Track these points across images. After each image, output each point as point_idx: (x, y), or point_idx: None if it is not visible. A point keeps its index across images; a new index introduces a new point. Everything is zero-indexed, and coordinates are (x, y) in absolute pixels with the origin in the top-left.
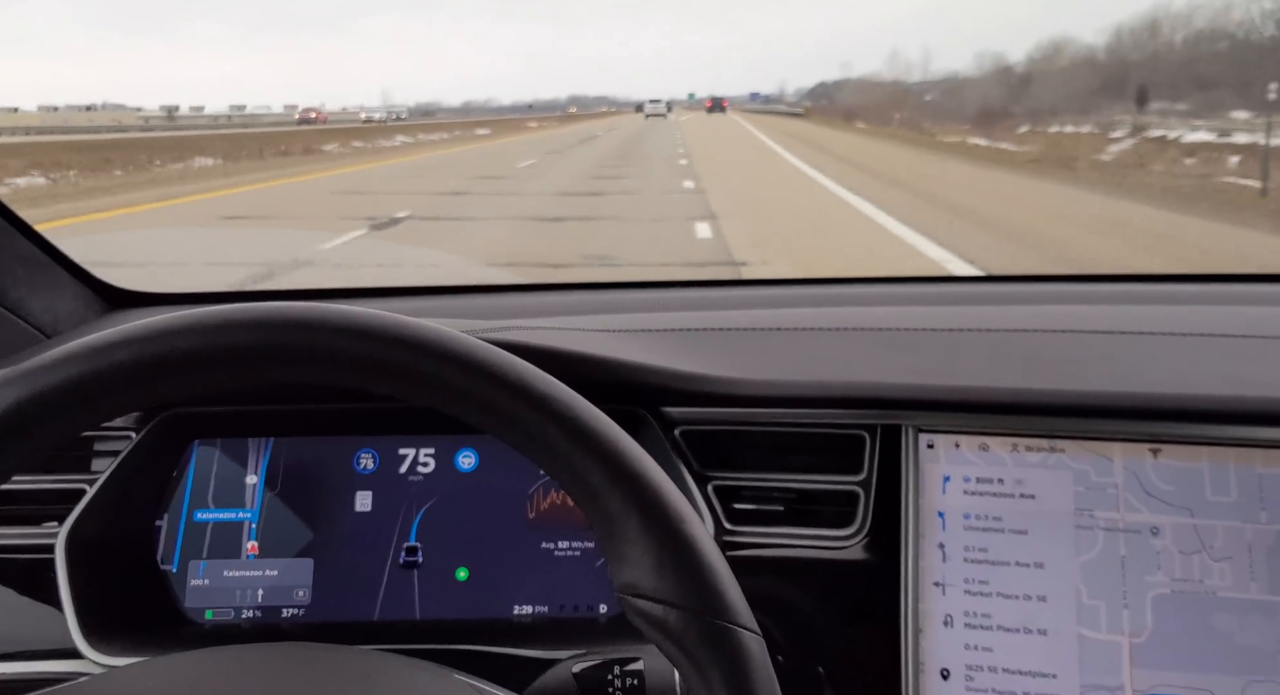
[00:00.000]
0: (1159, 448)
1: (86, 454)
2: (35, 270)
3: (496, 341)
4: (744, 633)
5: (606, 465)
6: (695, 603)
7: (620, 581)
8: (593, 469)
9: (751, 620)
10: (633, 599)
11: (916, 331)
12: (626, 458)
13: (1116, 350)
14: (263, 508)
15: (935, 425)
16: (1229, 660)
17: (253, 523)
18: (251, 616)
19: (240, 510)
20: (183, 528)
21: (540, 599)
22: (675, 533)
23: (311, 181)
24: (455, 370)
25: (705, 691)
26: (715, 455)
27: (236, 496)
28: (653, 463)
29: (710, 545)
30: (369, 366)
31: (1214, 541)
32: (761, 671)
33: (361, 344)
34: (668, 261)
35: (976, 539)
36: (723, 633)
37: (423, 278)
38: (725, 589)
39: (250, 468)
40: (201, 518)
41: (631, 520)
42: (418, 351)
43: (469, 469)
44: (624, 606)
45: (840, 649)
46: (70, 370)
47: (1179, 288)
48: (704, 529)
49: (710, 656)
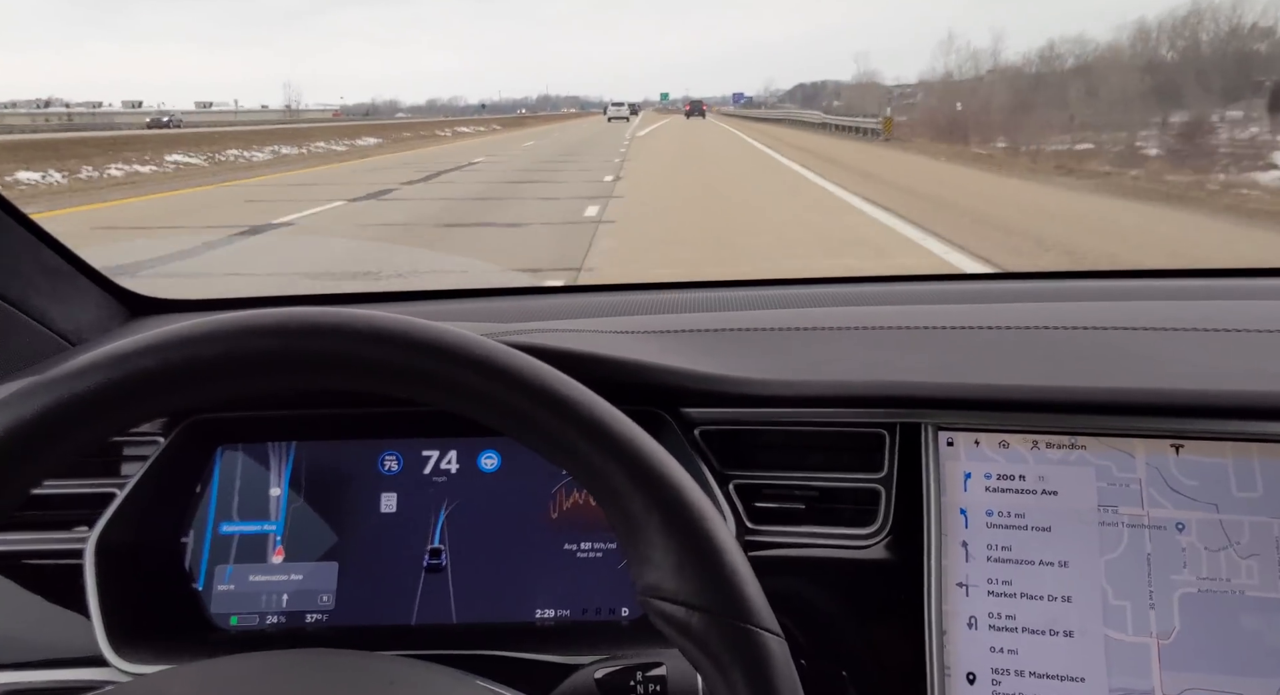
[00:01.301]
0: (1181, 443)
1: (116, 459)
2: (59, 280)
3: (516, 344)
4: (766, 635)
5: (628, 467)
6: (717, 605)
7: (642, 583)
8: (614, 471)
9: (774, 622)
10: (655, 601)
11: (934, 329)
12: (648, 459)
13: (1136, 346)
14: (288, 512)
15: (955, 423)
16: (1260, 662)
17: (279, 527)
18: (276, 622)
19: (265, 522)
20: (209, 540)
21: (563, 602)
22: (697, 534)
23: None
24: (475, 374)
25: (728, 694)
26: (735, 455)
27: (262, 501)
28: (675, 464)
29: (733, 546)
30: (387, 371)
31: (1240, 538)
32: (784, 673)
33: (380, 348)
34: None
35: (1000, 536)
36: (745, 635)
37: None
38: (747, 591)
39: (275, 471)
40: (227, 530)
41: (653, 522)
42: (436, 356)
43: (492, 470)
44: (646, 609)
45: (863, 651)
46: (96, 377)
47: (1198, 283)
48: (726, 530)
49: (732, 659)
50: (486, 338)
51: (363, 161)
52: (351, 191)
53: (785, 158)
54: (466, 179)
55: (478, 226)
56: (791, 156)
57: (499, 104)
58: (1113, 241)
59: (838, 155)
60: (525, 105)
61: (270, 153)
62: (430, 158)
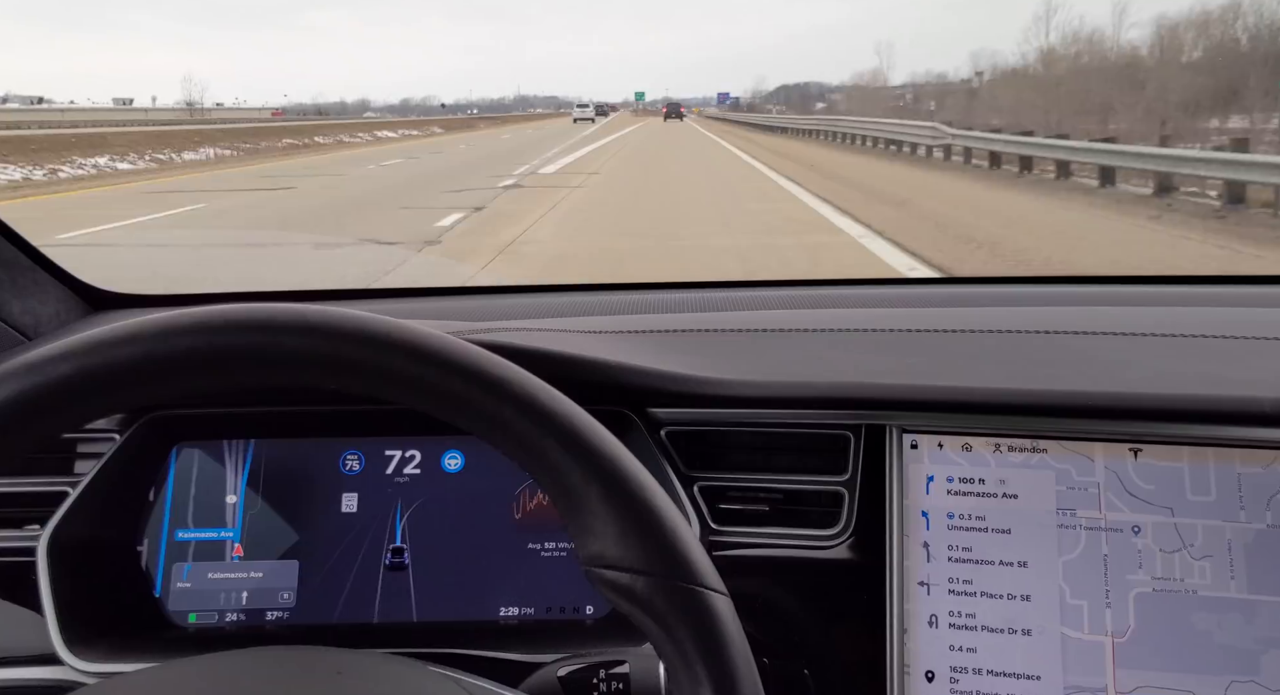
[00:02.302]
0: (1139, 447)
1: (69, 456)
2: (16, 272)
3: (482, 342)
4: (711, 594)
5: (565, 442)
6: (660, 567)
7: (586, 554)
8: (551, 447)
9: (719, 581)
10: (599, 570)
11: (900, 332)
12: (584, 433)
13: (1097, 351)
14: (247, 510)
15: (919, 425)
16: (1210, 660)
17: (237, 525)
18: (235, 619)
19: (223, 519)
20: (165, 537)
21: (526, 600)
22: (636, 501)
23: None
24: (405, 360)
25: (677, 655)
26: (701, 456)
27: (220, 498)
28: (611, 436)
29: (672, 511)
30: (314, 362)
31: (1194, 540)
32: (731, 630)
33: (306, 340)
34: None
35: (960, 538)
36: (690, 595)
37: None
38: (690, 552)
39: (234, 469)
40: (184, 528)
41: (592, 492)
42: (365, 343)
43: (455, 470)
44: (591, 579)
45: (825, 650)
46: (50, 372)
47: (1157, 289)
48: (665, 496)
49: (679, 619)
50: (449, 335)
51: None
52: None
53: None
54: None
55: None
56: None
57: (475, 104)
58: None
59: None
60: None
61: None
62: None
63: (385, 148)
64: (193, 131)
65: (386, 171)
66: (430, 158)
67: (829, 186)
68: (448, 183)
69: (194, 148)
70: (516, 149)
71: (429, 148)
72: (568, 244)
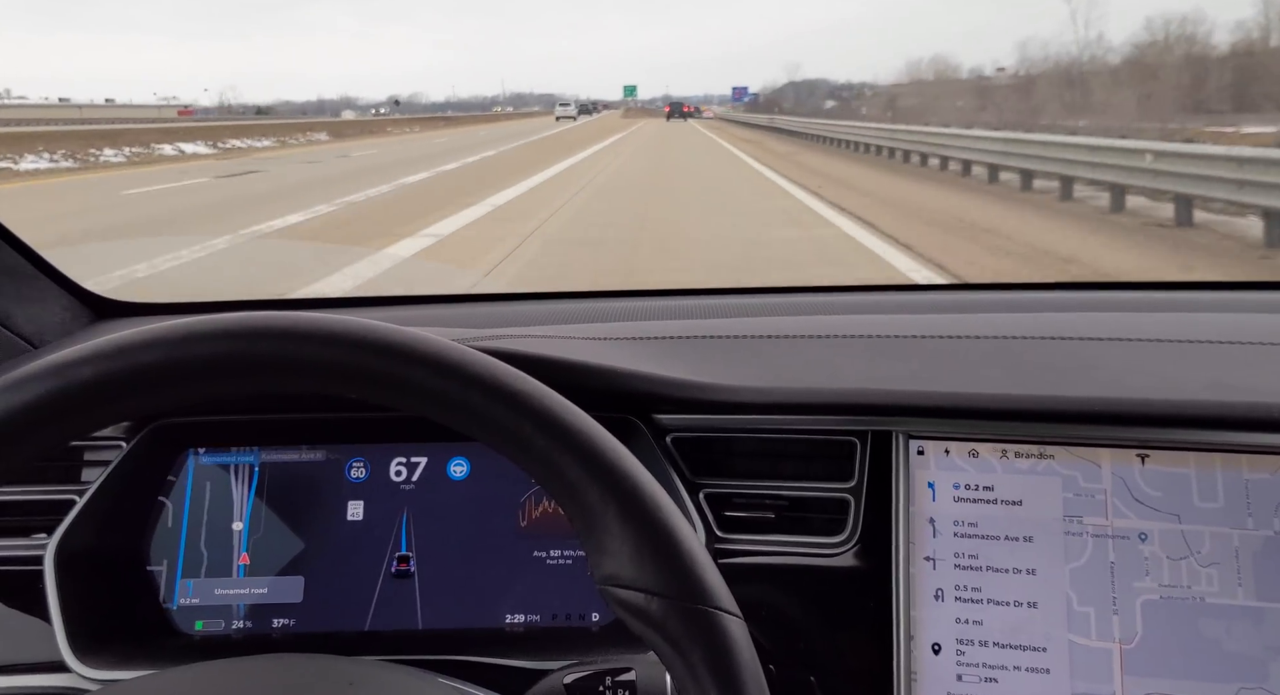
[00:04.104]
0: (1146, 454)
1: (77, 464)
2: (21, 281)
3: (488, 350)
4: (726, 616)
5: (583, 459)
6: (674, 589)
7: (601, 573)
8: (570, 464)
9: (733, 603)
10: (613, 589)
11: (906, 338)
12: (603, 451)
13: (1103, 357)
14: (254, 518)
15: (925, 431)
16: (1219, 667)
17: (244, 533)
18: (242, 627)
19: (230, 527)
20: (172, 545)
21: (532, 608)
22: (653, 521)
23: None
24: (427, 372)
25: (689, 677)
26: (707, 463)
27: (227, 506)
28: (629, 455)
29: (688, 532)
30: (336, 372)
31: (1201, 547)
32: (745, 654)
33: (329, 350)
34: None
35: (966, 546)
36: (704, 617)
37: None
38: (704, 574)
39: (241, 477)
40: (192, 535)
41: (610, 511)
42: (388, 355)
43: (461, 477)
44: (606, 598)
45: (831, 658)
46: (73, 375)
47: (1162, 295)
48: (681, 517)
49: (692, 641)
50: (456, 342)
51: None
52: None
53: None
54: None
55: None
56: None
57: (466, 102)
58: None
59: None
60: (497, 102)
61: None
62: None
63: (317, 148)
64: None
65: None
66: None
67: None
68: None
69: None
70: (505, 135)
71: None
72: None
